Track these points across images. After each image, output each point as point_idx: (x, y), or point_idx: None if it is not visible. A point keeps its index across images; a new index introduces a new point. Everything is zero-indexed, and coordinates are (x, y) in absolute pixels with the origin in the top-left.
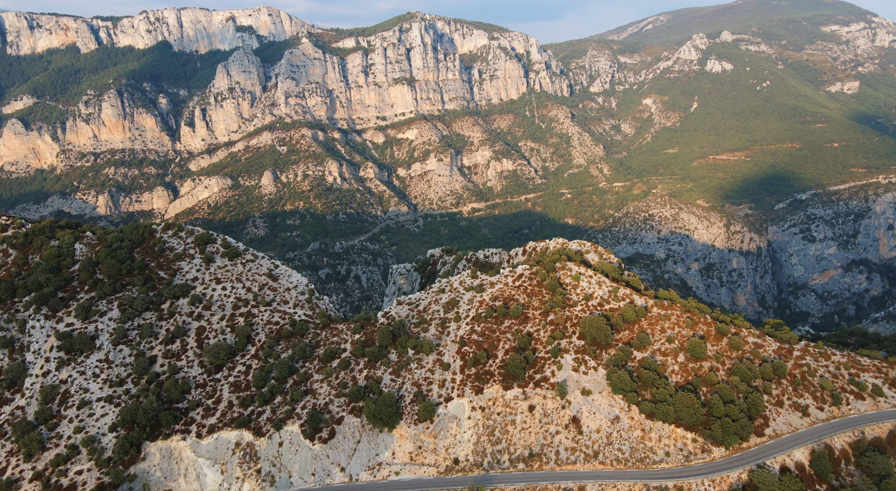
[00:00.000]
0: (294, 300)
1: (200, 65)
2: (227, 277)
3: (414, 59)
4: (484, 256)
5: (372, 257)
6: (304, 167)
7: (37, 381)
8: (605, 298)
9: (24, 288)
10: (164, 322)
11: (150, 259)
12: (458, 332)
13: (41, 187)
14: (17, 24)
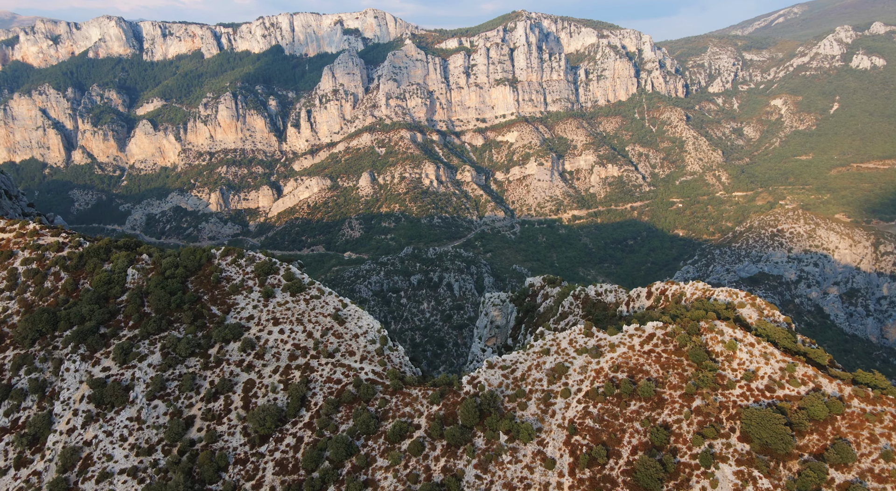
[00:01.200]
0: (362, 351)
1: (308, 67)
2: (286, 317)
3: (517, 60)
4: (596, 294)
5: (465, 265)
6: (401, 169)
7: (60, 439)
8: (775, 380)
9: (66, 320)
10: (210, 372)
11: (204, 291)
12: (566, 412)
13: (164, 184)
14: (152, 32)
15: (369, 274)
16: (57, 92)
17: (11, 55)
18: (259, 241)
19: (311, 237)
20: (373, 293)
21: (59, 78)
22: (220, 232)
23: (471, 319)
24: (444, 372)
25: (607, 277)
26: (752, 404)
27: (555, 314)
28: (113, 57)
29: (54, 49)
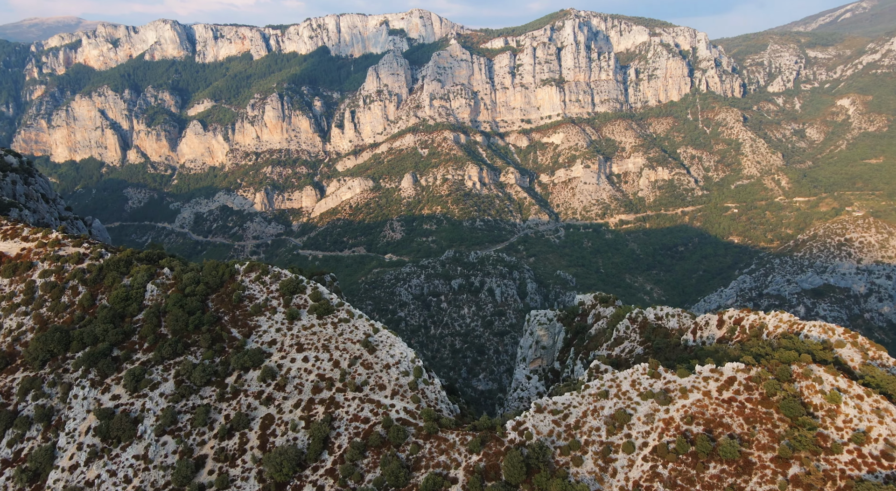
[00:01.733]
0: (393, 384)
1: (353, 68)
2: (311, 342)
3: (564, 59)
4: (655, 318)
5: (507, 270)
6: (443, 171)
7: (61, 477)
8: (893, 443)
9: (79, 340)
10: (225, 404)
11: (225, 310)
12: (629, 472)
13: (212, 183)
14: (204, 34)
15: (410, 277)
16: (115, 93)
17: (74, 58)
18: (301, 241)
19: (352, 238)
20: (413, 297)
21: (116, 80)
22: (264, 232)
23: (512, 326)
24: (483, 379)
25: (656, 284)
26: (867, 476)
27: (608, 339)
28: (167, 59)
29: (113, 52)
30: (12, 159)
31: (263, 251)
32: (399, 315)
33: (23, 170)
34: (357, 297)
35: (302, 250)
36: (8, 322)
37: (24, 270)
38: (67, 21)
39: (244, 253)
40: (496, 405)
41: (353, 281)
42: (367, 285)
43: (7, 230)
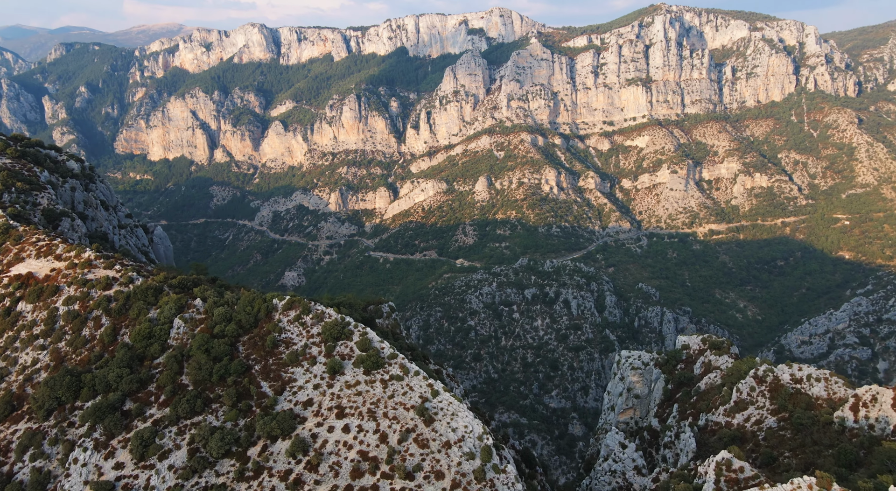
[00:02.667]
0: (454, 472)
1: (431, 68)
2: (355, 405)
3: (652, 57)
4: (792, 380)
5: (585, 281)
6: (519, 174)
7: None
8: None
9: (90, 387)
10: (244, 485)
11: (257, 357)
12: None
13: (290, 183)
14: (289, 37)
15: (481, 284)
16: (205, 95)
17: (172, 62)
18: (373, 242)
19: (423, 241)
20: (483, 305)
21: (207, 82)
22: (337, 232)
23: (588, 341)
24: (556, 397)
25: (750, 301)
26: None
27: (725, 400)
28: (254, 61)
29: (206, 55)
30: (74, 165)
31: (336, 252)
32: (469, 324)
33: (84, 175)
34: (426, 303)
35: (373, 252)
36: (24, 357)
37: (49, 294)
38: (171, 28)
39: (317, 253)
40: (568, 425)
41: (424, 286)
42: (437, 291)
43: (42, 247)
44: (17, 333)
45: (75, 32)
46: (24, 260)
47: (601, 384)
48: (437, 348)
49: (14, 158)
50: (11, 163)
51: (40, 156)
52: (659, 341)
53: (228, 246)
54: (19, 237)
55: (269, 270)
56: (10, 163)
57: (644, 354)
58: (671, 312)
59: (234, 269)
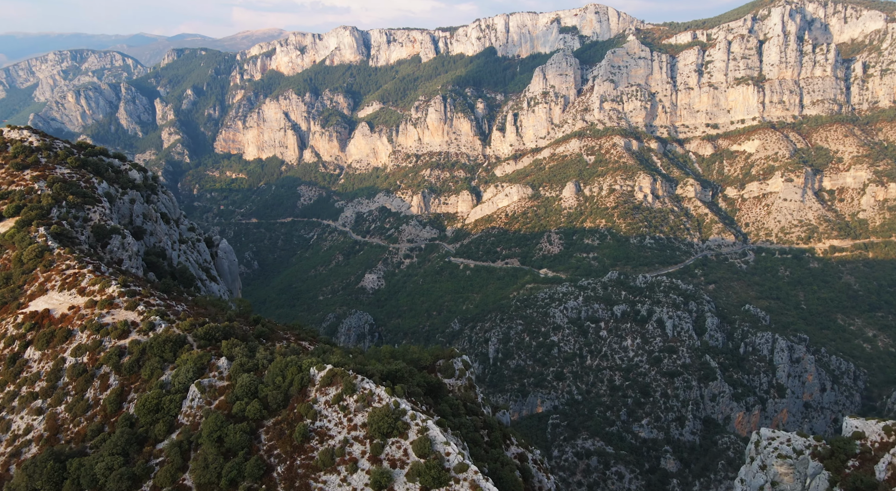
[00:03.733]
0: None
1: (519, 69)
2: None
3: (767, 53)
4: None
5: (682, 299)
6: (610, 180)
7: None
8: None
9: (74, 479)
10: None
11: (281, 453)
12: None
13: (374, 184)
14: (378, 39)
15: (566, 298)
16: (297, 97)
17: (269, 65)
18: (454, 247)
19: (506, 249)
20: (568, 320)
21: (300, 84)
22: (418, 235)
23: (685, 367)
24: (647, 426)
25: (881, 330)
26: None
27: None
28: (344, 64)
29: (300, 58)
30: (136, 175)
31: (416, 255)
32: (552, 339)
33: (146, 186)
34: (507, 314)
35: (454, 258)
36: (18, 421)
37: (59, 340)
38: (271, 33)
39: (398, 256)
40: (660, 459)
41: (505, 295)
42: (518, 302)
43: (69, 277)
44: (17, 388)
45: (188, 39)
46: (48, 292)
47: (699, 416)
48: (517, 364)
49: (74, 168)
50: (70, 173)
51: (102, 165)
52: (769, 372)
53: (312, 245)
54: (50, 263)
55: (349, 272)
56: (68, 173)
57: (796, 437)
58: (784, 339)
59: (317, 268)
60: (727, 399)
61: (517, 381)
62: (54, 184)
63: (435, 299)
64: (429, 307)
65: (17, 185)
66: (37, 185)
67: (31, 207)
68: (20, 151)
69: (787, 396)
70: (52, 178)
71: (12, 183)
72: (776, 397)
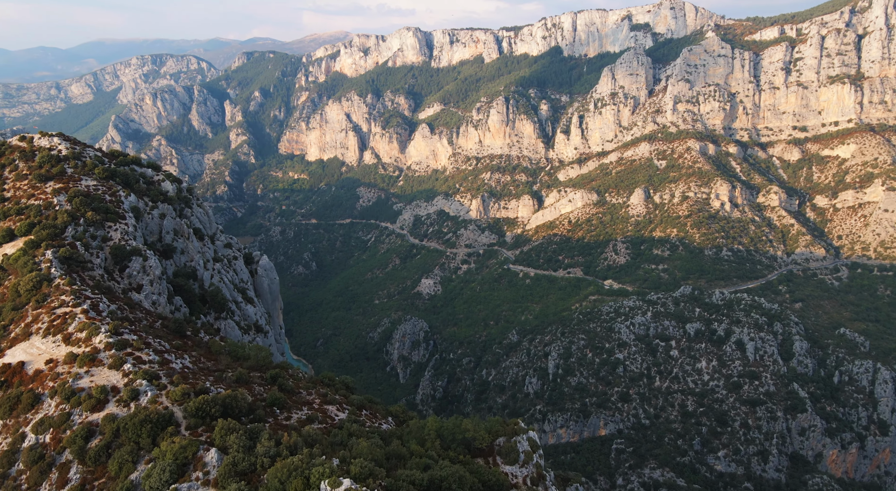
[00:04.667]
0: None
1: (586, 69)
2: None
3: (867, 49)
4: None
5: (766, 319)
6: (683, 187)
7: None
8: None
9: None
10: None
11: None
12: None
13: (433, 186)
14: (441, 40)
15: (633, 313)
16: (359, 98)
17: (333, 67)
18: (514, 254)
19: (568, 257)
20: (635, 337)
21: (362, 86)
22: (477, 240)
23: (769, 395)
24: (724, 458)
25: None
26: None
27: None
28: (407, 65)
29: (364, 60)
30: (169, 187)
31: (474, 261)
32: (616, 357)
33: (179, 199)
34: (569, 327)
35: (513, 265)
36: None
37: (25, 408)
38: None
39: (455, 261)
40: None
41: (566, 307)
42: (581, 316)
43: (57, 318)
44: None
45: (259, 42)
46: (31, 337)
47: (785, 451)
48: (579, 381)
49: (101, 180)
50: (95, 185)
51: (131, 176)
52: (869, 406)
53: (370, 248)
54: (44, 297)
55: (406, 276)
56: (93, 185)
57: None
58: (888, 369)
59: (374, 271)
60: (819, 434)
61: (578, 399)
62: (74, 198)
63: (492, 308)
64: (486, 316)
65: (37, 199)
66: (56, 200)
67: (43, 226)
68: (46, 161)
69: (892, 434)
70: (73, 191)
71: (32, 196)
72: (877, 435)
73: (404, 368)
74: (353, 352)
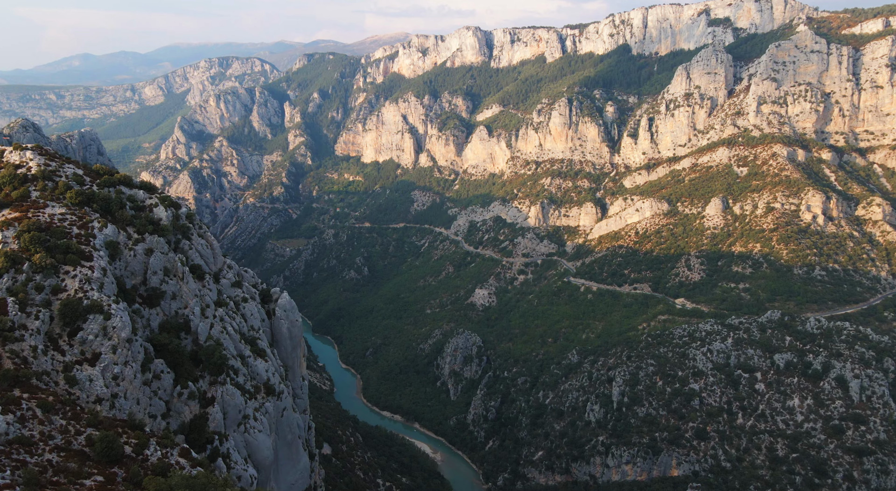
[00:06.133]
0: None
1: (657, 68)
2: None
3: None
4: None
5: (874, 353)
6: (768, 197)
7: None
8: None
9: None
10: None
11: None
12: None
13: (489, 191)
14: (502, 39)
15: (710, 338)
16: (416, 99)
17: (391, 68)
18: (574, 266)
19: (635, 272)
20: (713, 366)
21: (420, 87)
22: (535, 249)
23: (879, 444)
24: None
25: None
26: None
27: None
28: (465, 65)
29: (422, 61)
30: (162, 213)
31: (532, 272)
32: (691, 387)
33: (177, 227)
34: (635, 350)
35: (574, 278)
36: None
37: None
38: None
39: (511, 271)
40: None
41: (632, 327)
42: (649, 338)
43: None
44: None
45: (321, 44)
46: None
47: None
48: (647, 413)
49: (73, 206)
50: (63, 213)
51: (115, 200)
52: None
53: (423, 254)
54: None
55: (459, 285)
56: (60, 214)
57: None
58: None
59: (426, 279)
60: None
61: (647, 433)
62: (25, 233)
63: (551, 324)
64: (543, 332)
65: None
66: (1, 235)
67: None
68: (7, 182)
69: None
70: (28, 223)
71: None
72: None
73: (455, 384)
74: (403, 364)
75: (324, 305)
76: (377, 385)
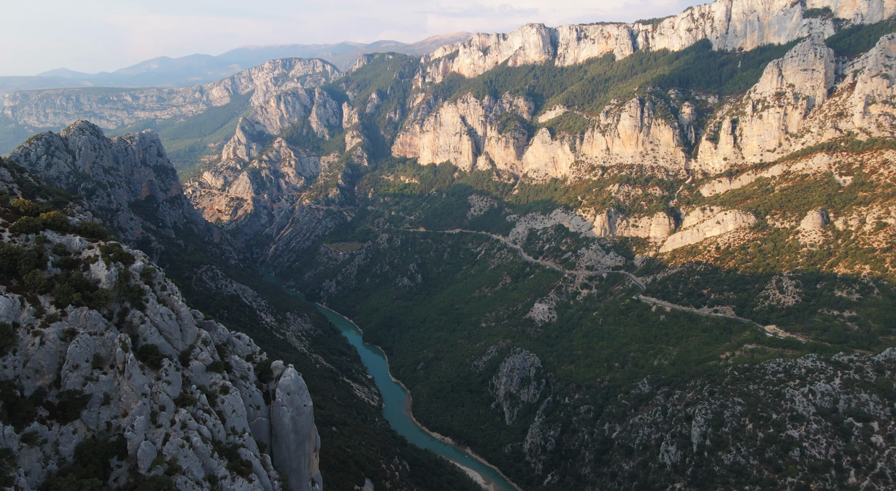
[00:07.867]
0: None
1: (741, 65)
2: None
3: None
4: None
5: None
6: (878, 211)
7: None
8: None
9: None
10: None
11: None
12: None
13: (551, 197)
14: (567, 36)
15: (812, 376)
16: (476, 100)
17: (450, 68)
18: (644, 281)
19: (715, 292)
20: (815, 411)
21: (479, 87)
22: (600, 262)
23: None
24: None
25: None
26: None
27: None
28: (528, 64)
29: (482, 60)
30: (102, 272)
31: (596, 286)
32: (789, 434)
33: (123, 292)
34: (718, 384)
35: (644, 296)
36: None
37: None
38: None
39: (573, 285)
40: None
41: (713, 355)
42: (734, 371)
43: None
44: None
45: (383, 45)
46: None
47: None
48: (735, 461)
49: None
50: None
51: (32, 253)
52: None
53: (479, 262)
54: None
55: (517, 298)
56: None
57: None
58: None
59: (482, 289)
60: None
61: (735, 485)
62: None
63: (618, 347)
64: (609, 355)
65: None
66: None
67: None
68: None
69: None
70: None
71: None
72: None
73: (511, 407)
74: (456, 381)
75: (375, 313)
76: (427, 403)
